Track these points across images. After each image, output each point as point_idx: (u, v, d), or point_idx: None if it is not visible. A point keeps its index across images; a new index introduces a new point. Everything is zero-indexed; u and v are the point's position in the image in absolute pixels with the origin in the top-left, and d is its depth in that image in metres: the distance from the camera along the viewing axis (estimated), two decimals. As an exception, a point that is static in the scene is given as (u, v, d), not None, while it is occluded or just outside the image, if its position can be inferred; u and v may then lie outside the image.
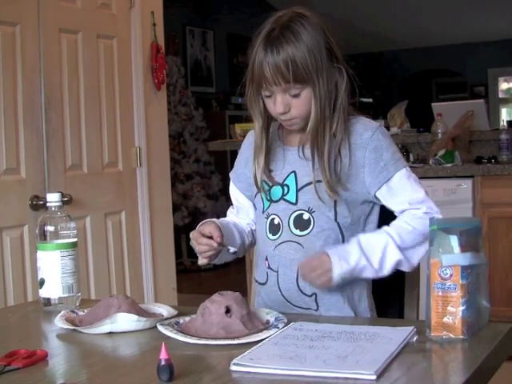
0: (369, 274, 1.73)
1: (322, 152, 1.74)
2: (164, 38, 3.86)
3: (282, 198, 1.81)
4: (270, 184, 1.82)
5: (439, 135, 4.72)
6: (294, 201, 1.80)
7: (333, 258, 1.68)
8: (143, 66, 3.68)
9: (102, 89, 3.46)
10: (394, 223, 1.78)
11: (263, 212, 1.86)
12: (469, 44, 10.75)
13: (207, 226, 1.77)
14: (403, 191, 1.78)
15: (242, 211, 1.98)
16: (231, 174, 2.00)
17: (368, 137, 1.76)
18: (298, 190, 1.79)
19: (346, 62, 1.78)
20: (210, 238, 1.74)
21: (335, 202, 1.76)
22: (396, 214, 1.81)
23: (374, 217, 1.83)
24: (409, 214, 1.78)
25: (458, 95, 10.38)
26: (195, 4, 8.74)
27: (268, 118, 1.82)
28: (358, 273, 1.71)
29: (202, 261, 1.78)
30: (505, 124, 5.12)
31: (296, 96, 1.72)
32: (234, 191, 2.00)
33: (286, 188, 1.81)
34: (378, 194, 1.78)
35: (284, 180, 1.81)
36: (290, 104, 1.73)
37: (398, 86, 11.42)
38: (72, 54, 3.32)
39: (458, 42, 10.69)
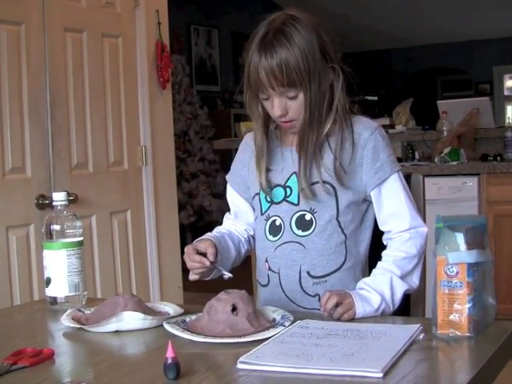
0: (386, 311, 1.71)
1: (306, 152, 1.74)
2: (169, 36, 3.86)
3: (284, 199, 1.81)
4: (272, 186, 1.82)
5: (444, 133, 4.71)
6: (296, 202, 1.80)
7: (355, 298, 1.64)
8: (148, 65, 3.68)
9: (107, 88, 3.47)
10: (386, 254, 1.78)
11: (262, 214, 1.86)
12: (474, 42, 10.72)
13: (203, 243, 1.75)
14: (391, 200, 1.78)
15: (241, 215, 1.97)
16: (228, 177, 2.00)
17: (367, 136, 1.77)
18: (299, 191, 1.79)
19: (342, 60, 1.77)
20: (204, 254, 1.72)
21: (337, 201, 1.77)
22: (379, 225, 1.82)
23: (370, 214, 1.83)
24: (396, 241, 1.78)
25: (463, 93, 10.36)
26: (200, 2, 8.74)
27: (267, 119, 1.82)
28: (379, 313, 1.68)
29: (192, 276, 1.76)
30: (510, 121, 5.09)
31: (293, 98, 1.72)
32: (231, 194, 1.99)
33: (288, 190, 1.81)
34: (371, 194, 1.79)
35: (286, 181, 1.82)
36: (287, 107, 1.73)
37: (403, 83, 11.39)
38: (77, 53, 3.32)
39: (463, 39, 10.66)
